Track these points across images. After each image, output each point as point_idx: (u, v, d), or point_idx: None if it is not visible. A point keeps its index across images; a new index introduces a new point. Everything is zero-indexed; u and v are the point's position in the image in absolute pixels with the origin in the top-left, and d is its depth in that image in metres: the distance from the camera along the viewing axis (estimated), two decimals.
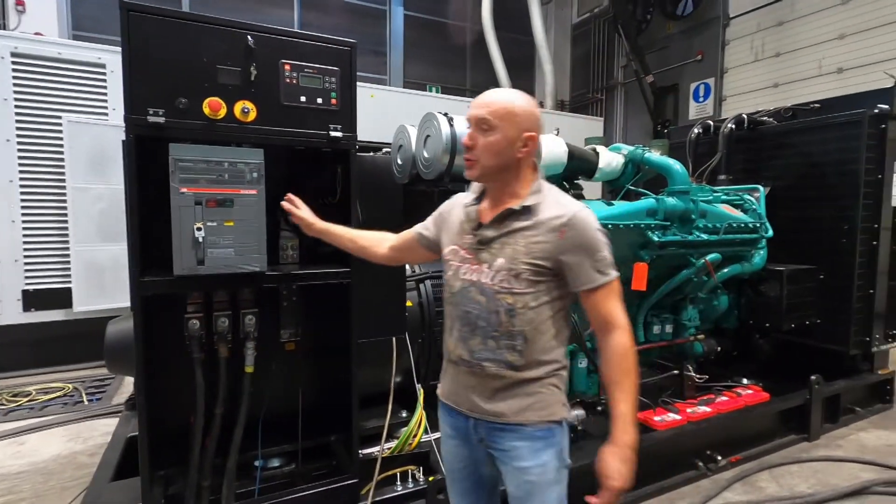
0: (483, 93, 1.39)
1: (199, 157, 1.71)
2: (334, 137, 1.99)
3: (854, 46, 6.89)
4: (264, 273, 1.87)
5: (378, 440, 2.35)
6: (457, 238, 1.44)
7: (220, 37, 1.76)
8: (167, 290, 1.79)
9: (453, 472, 1.55)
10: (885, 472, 2.83)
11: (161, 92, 1.71)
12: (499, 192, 1.40)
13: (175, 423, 2.02)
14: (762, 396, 3.19)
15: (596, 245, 1.32)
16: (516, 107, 1.35)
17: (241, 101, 1.81)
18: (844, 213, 3.51)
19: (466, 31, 10.54)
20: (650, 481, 2.68)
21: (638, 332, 3.23)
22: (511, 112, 1.34)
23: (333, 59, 1.97)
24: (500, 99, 1.36)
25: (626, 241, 2.91)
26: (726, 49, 8.55)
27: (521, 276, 1.31)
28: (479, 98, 1.38)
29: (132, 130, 1.70)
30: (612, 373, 1.33)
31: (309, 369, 2.36)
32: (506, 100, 1.35)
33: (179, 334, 1.91)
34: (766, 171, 3.93)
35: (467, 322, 1.38)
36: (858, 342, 3.55)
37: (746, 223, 3.38)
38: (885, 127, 3.45)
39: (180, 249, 1.70)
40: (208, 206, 1.72)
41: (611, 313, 1.33)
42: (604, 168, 3.19)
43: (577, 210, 1.33)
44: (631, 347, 1.33)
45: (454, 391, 1.46)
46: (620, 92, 10.66)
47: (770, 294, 3.50)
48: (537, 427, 1.36)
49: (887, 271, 3.64)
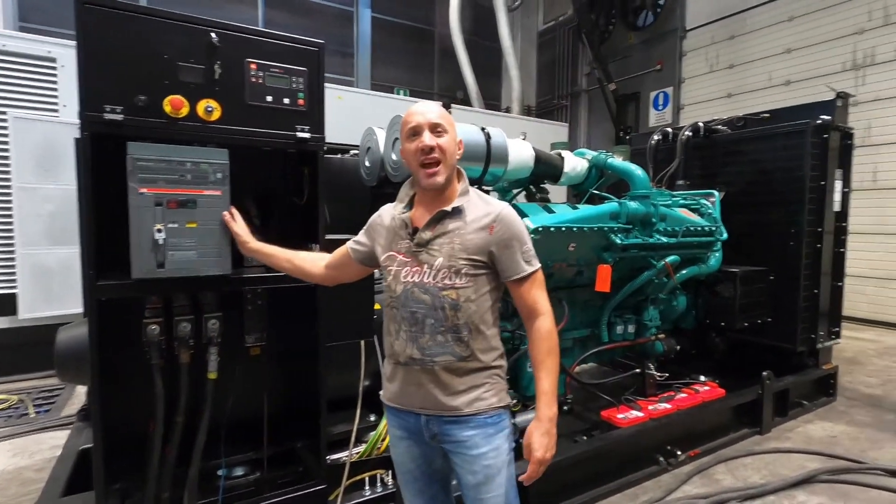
0: (415, 105, 1.50)
1: (160, 156, 1.66)
2: (301, 138, 1.97)
3: (800, 60, 7.32)
4: (228, 276, 1.83)
5: (346, 445, 2.33)
6: (393, 245, 1.51)
7: (181, 33, 1.72)
8: (125, 293, 1.73)
9: (407, 473, 1.59)
10: (829, 461, 3.01)
11: (119, 88, 1.65)
12: (435, 196, 1.49)
13: (132, 432, 1.94)
14: (718, 393, 3.33)
15: (522, 238, 1.47)
16: (450, 116, 1.51)
17: (205, 99, 1.76)
18: (792, 217, 3.72)
19: (435, 35, 10.59)
20: (614, 477, 2.76)
21: (602, 332, 3.32)
22: (449, 117, 1.50)
23: (301, 59, 1.95)
24: (436, 107, 1.49)
25: (590, 243, 2.99)
26: (684, 60, 8.93)
27: (461, 272, 1.41)
28: (419, 108, 1.48)
29: (87, 128, 1.63)
30: (538, 353, 1.46)
31: (275, 374, 2.31)
32: (439, 107, 1.49)
33: (137, 340, 1.83)
34: (720, 176, 4.12)
35: (415, 322, 1.44)
36: (805, 339, 3.76)
37: (703, 226, 3.53)
38: (828, 137, 3.68)
39: (139, 252, 1.64)
40: (169, 207, 1.66)
41: (537, 301, 1.48)
42: (569, 172, 3.27)
43: (502, 208, 1.48)
44: (553, 331, 1.48)
45: (403, 392, 1.50)
46: (584, 98, 10.95)
47: (725, 294, 3.67)
48: (488, 415, 1.46)
49: (830, 272, 3.88)
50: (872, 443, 3.27)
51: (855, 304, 6.52)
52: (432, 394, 1.45)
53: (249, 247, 1.77)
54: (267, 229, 2.22)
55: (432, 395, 1.45)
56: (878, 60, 6.51)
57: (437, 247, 1.43)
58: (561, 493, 2.57)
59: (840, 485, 2.76)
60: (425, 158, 1.43)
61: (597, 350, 3.29)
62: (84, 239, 1.68)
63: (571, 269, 3.06)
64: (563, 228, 2.78)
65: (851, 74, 6.71)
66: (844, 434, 3.41)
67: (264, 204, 2.23)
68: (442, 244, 1.43)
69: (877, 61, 6.53)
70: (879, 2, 6.47)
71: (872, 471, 2.88)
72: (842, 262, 3.96)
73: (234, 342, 2.11)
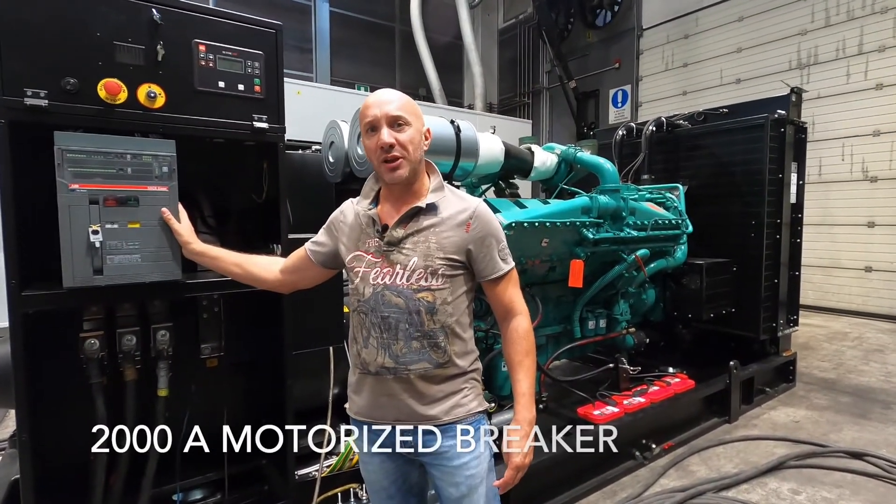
0: (373, 94, 1.36)
1: (95, 147, 1.46)
2: (259, 129, 1.80)
3: (750, 59, 7.62)
4: (179, 282, 1.64)
5: (315, 459, 2.17)
6: (359, 244, 1.38)
7: (116, 7, 1.52)
8: (55, 305, 1.52)
9: (381, 491, 1.47)
10: (795, 446, 3.09)
11: (43, 70, 1.44)
12: (403, 191, 1.36)
13: (70, 460, 1.73)
14: (688, 384, 3.36)
15: (499, 235, 1.39)
16: (413, 102, 1.37)
17: (146, 84, 1.57)
18: (752, 209, 3.81)
19: (395, 31, 10.41)
20: (592, 475, 2.72)
21: (574, 328, 3.29)
22: (414, 107, 1.36)
23: (256, 42, 1.78)
24: (399, 96, 1.34)
25: (563, 238, 2.94)
26: (641, 58, 9.14)
27: (438, 273, 1.31)
28: (376, 98, 1.32)
29: (5, 115, 1.42)
30: (515, 354, 1.39)
31: (235, 386, 2.13)
32: (403, 96, 1.34)
33: (74, 356, 1.62)
34: (683, 170, 4.18)
35: (387, 328, 1.32)
36: (767, 328, 3.87)
37: (670, 220, 3.56)
38: (784, 131, 3.79)
39: (71, 257, 1.43)
40: (107, 204, 1.47)
41: (513, 300, 1.41)
42: (539, 167, 3.22)
43: (477, 204, 1.38)
44: (530, 331, 1.41)
45: (374, 405, 1.38)
46: (546, 96, 11.06)
47: (691, 286, 3.72)
48: (468, 421, 1.38)
49: (788, 262, 4.00)
50: (832, 425, 3.39)
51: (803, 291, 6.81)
52: (407, 404, 1.33)
53: (192, 248, 1.57)
54: (224, 229, 2.04)
55: (407, 406, 1.34)
56: (821, 59, 6.85)
57: (411, 245, 1.31)
58: (540, 496, 2.51)
59: (807, 469, 2.83)
60: (385, 156, 1.29)
61: (570, 346, 3.25)
62: (5, 244, 1.46)
63: (544, 265, 3.01)
64: (536, 224, 2.71)
65: (797, 73, 7.03)
66: (806, 418, 3.52)
67: (220, 202, 2.05)
68: (417, 242, 1.31)
69: (819, 60, 6.87)
70: (821, 3, 6.81)
71: (835, 454, 2.97)
72: (798, 253, 4.10)
73: (187, 354, 1.92)
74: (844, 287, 6.80)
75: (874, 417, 3.49)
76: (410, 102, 1.35)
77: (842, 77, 6.66)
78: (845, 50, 6.62)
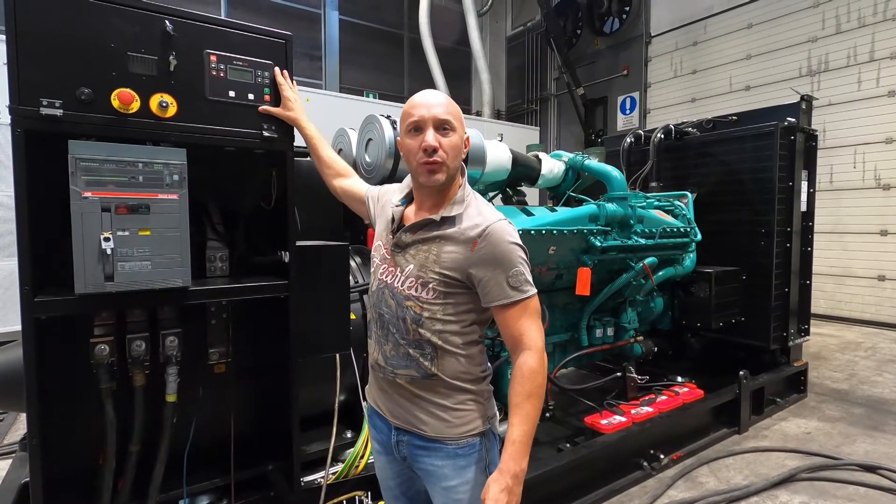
0: (419, 93, 1.32)
1: (107, 155, 1.48)
2: (268, 137, 1.82)
3: (760, 66, 7.58)
4: (188, 289, 1.66)
5: (321, 465, 2.17)
6: (383, 235, 1.42)
7: (130, 19, 1.55)
8: (67, 310, 1.54)
9: (388, 490, 1.49)
10: (807, 458, 3.04)
11: (58, 80, 1.47)
12: (432, 194, 1.32)
13: (79, 464, 1.75)
14: (697, 394, 3.32)
15: (510, 260, 1.23)
16: (458, 108, 1.33)
17: (159, 94, 1.59)
18: (762, 217, 3.78)
19: (404, 38, 10.50)
20: (600, 485, 2.69)
21: (582, 336, 3.28)
22: (459, 112, 1.33)
23: (267, 52, 1.81)
24: (447, 100, 1.31)
25: (570, 246, 2.94)
26: (649, 65, 9.13)
27: (429, 286, 1.26)
28: (424, 99, 1.28)
29: (21, 124, 1.45)
30: (515, 395, 1.22)
31: (242, 393, 2.14)
32: (450, 100, 1.31)
33: (84, 361, 1.64)
34: (692, 178, 4.16)
35: (382, 325, 1.35)
36: (777, 337, 3.82)
37: (678, 228, 3.54)
38: (794, 138, 3.76)
39: (83, 263, 1.45)
40: (118, 212, 1.49)
41: (523, 333, 1.24)
42: (546, 175, 3.22)
43: (494, 221, 1.25)
44: (539, 371, 1.22)
45: (376, 394, 1.43)
46: (554, 103, 11.07)
47: (700, 295, 3.69)
48: (458, 444, 1.29)
49: (799, 271, 3.96)
50: (845, 437, 3.33)
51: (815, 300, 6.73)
52: (398, 403, 1.34)
53: (292, 116, 1.82)
54: (232, 235, 2.06)
55: (398, 406, 1.35)
56: (832, 66, 6.80)
57: (413, 252, 1.30)
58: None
59: (819, 482, 2.78)
60: (427, 159, 1.24)
61: (578, 354, 3.23)
62: (20, 250, 1.49)
63: (551, 272, 3.00)
64: (543, 231, 2.71)
65: (807, 80, 6.98)
66: (818, 430, 3.46)
67: (229, 208, 2.07)
68: (419, 251, 1.29)
69: (830, 67, 6.82)
70: (832, 10, 6.76)
71: (848, 466, 2.92)
72: (809, 261, 4.05)
73: (196, 360, 1.93)
74: (857, 296, 6.71)
75: (888, 430, 3.43)
76: (456, 108, 1.31)
77: (853, 84, 6.60)
78: (857, 57, 6.57)
